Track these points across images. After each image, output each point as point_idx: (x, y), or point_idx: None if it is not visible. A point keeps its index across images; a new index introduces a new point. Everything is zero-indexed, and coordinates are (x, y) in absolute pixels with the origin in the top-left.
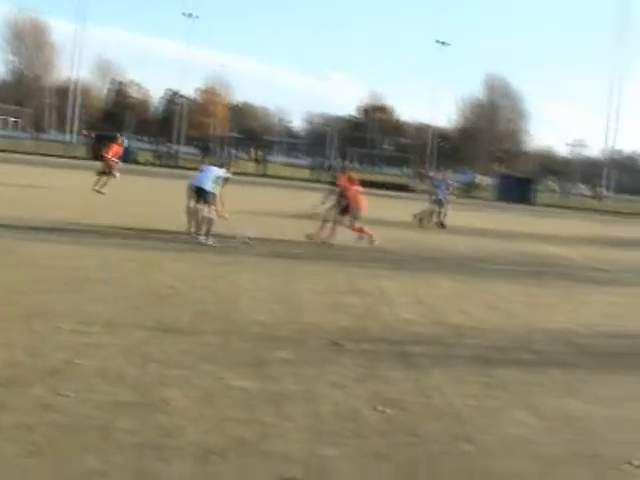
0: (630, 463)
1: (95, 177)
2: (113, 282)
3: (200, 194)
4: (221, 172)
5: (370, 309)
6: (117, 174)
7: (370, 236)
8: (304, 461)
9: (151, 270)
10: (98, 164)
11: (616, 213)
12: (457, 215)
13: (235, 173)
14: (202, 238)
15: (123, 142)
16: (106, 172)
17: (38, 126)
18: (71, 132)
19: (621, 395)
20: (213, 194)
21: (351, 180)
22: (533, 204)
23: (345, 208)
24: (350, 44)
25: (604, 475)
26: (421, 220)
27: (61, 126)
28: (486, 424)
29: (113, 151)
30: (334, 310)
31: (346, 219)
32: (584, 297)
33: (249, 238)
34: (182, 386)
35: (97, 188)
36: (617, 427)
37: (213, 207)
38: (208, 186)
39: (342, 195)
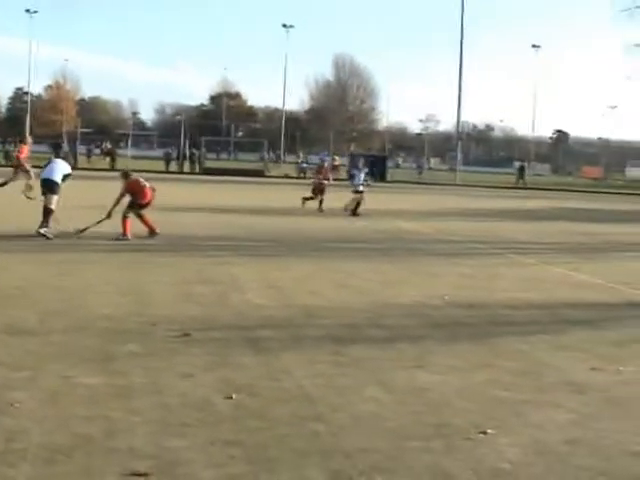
0: (484, 432)
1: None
2: None
3: (48, 185)
4: (66, 168)
5: (220, 297)
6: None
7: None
8: (153, 454)
9: None
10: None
11: (468, 186)
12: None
13: (84, 169)
14: (42, 230)
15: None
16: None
17: None
18: None
19: (470, 365)
20: (59, 185)
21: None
22: (387, 181)
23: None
24: (196, 32)
25: (456, 445)
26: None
27: None
28: (336, 402)
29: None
30: (184, 300)
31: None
32: (435, 269)
33: (80, 230)
34: (28, 388)
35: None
36: (467, 396)
37: (55, 198)
38: (57, 177)
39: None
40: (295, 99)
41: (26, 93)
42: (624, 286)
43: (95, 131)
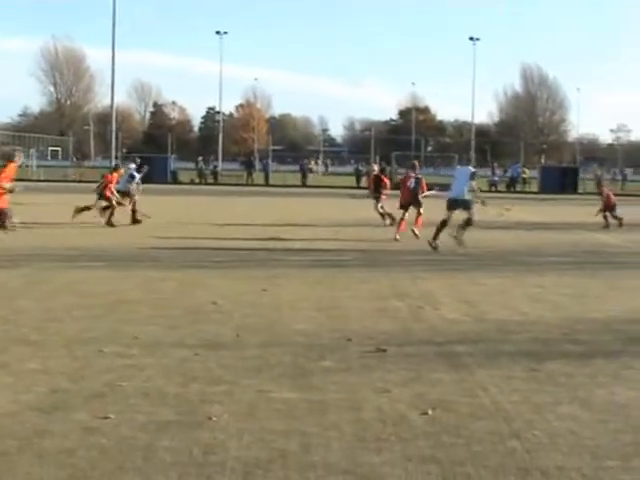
0: None
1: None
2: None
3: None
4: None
5: (414, 312)
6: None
7: None
8: (348, 469)
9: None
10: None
11: None
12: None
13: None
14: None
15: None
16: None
17: (83, 153)
18: (116, 157)
19: None
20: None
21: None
22: (579, 192)
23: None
24: (383, 48)
25: None
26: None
27: (105, 152)
28: (533, 419)
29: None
30: (379, 316)
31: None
32: (634, 283)
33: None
34: (224, 402)
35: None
36: None
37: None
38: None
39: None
40: (484, 112)
41: (218, 112)
42: None
43: (286, 148)
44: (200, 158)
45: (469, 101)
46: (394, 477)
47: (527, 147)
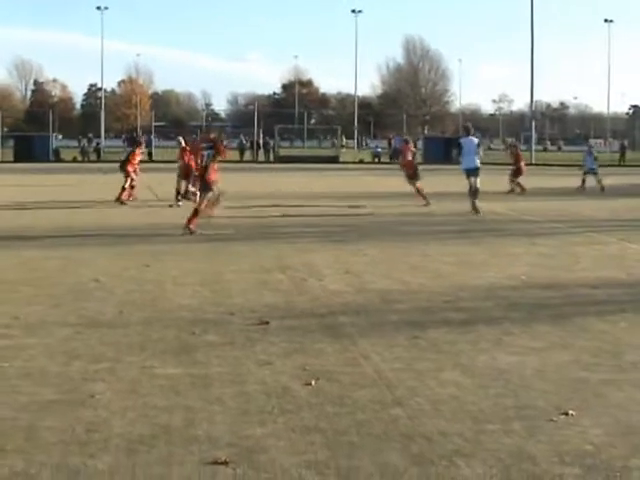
0: (566, 414)
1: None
2: None
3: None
4: None
5: (298, 284)
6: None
7: None
8: (233, 442)
9: None
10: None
11: (544, 165)
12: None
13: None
14: None
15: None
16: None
17: None
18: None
19: (549, 345)
20: None
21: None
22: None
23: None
24: (265, 22)
25: (537, 428)
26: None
27: None
28: (415, 387)
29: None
30: (262, 289)
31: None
32: (513, 250)
33: None
34: (107, 379)
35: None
36: (547, 378)
37: None
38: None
39: None
40: (367, 84)
41: (100, 89)
42: None
43: (169, 124)
44: (81, 137)
45: (352, 74)
46: (278, 448)
47: (410, 118)
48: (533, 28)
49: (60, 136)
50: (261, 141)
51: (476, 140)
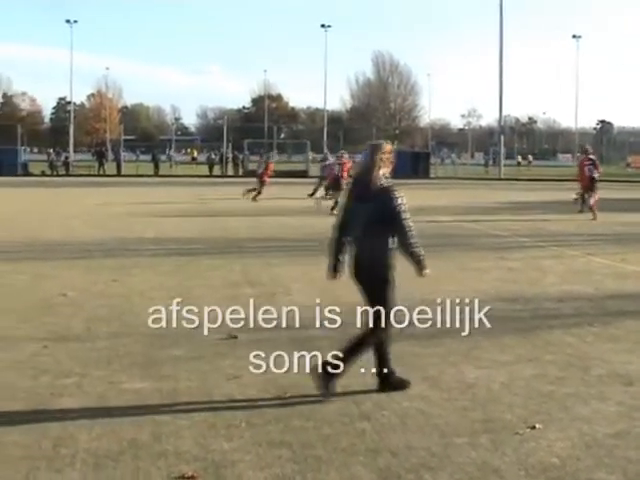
0: (532, 427)
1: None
2: None
3: None
4: None
5: (267, 298)
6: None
7: None
8: (200, 457)
9: None
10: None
11: (512, 180)
12: None
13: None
14: None
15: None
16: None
17: None
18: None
19: (516, 359)
20: None
21: None
22: (430, 177)
23: None
24: (235, 36)
25: (503, 441)
26: None
27: None
28: (382, 400)
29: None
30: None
31: None
32: (480, 265)
33: None
34: (75, 394)
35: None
36: (514, 391)
37: None
38: None
39: None
40: (336, 99)
41: (69, 103)
42: None
43: (138, 138)
44: (51, 150)
45: (322, 88)
46: (245, 463)
47: (380, 133)
48: (502, 43)
49: (30, 149)
50: (230, 155)
51: None
